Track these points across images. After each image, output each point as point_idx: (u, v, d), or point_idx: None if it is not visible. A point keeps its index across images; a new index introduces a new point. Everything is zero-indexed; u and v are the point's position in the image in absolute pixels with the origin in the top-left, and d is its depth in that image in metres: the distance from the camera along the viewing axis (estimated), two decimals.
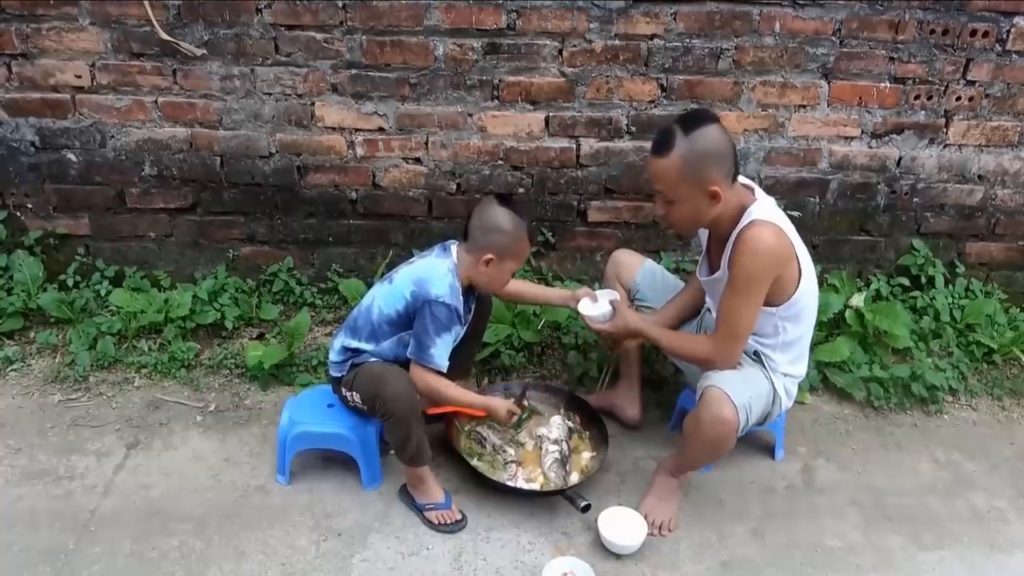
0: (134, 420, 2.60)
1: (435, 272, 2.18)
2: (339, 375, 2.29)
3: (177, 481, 2.36)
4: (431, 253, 2.26)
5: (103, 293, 3.02)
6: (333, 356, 2.30)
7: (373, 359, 2.24)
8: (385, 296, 2.22)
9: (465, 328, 2.32)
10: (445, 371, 2.19)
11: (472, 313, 2.35)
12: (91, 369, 2.78)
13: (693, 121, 2.01)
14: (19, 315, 2.93)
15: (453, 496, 2.32)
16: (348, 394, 2.27)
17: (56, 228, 3.06)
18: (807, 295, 2.15)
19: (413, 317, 2.18)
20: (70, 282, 3.04)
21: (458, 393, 2.28)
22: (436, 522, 2.24)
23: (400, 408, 2.14)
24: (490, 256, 2.16)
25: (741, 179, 2.14)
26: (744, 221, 2.07)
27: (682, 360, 2.40)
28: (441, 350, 2.16)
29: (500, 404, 2.32)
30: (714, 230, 2.19)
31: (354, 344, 2.24)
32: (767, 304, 2.11)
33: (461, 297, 2.19)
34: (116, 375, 2.79)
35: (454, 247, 2.24)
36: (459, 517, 2.26)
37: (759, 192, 2.16)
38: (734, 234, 2.09)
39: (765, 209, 2.09)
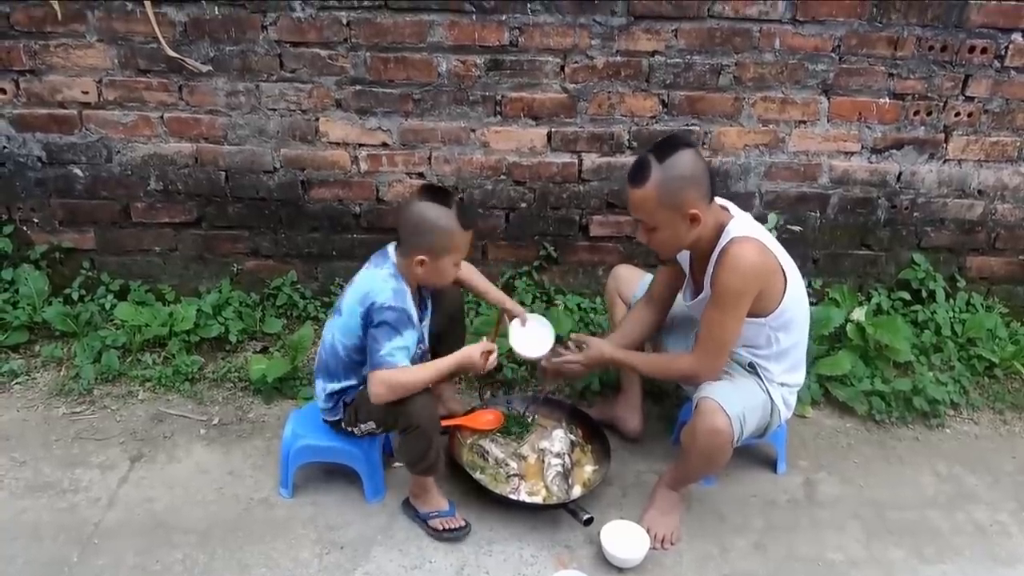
0: (138, 433, 2.61)
1: (375, 281, 2.12)
2: (336, 418, 2.27)
3: (181, 494, 2.37)
4: (369, 264, 2.20)
5: (108, 307, 3.04)
6: (322, 404, 2.27)
7: (363, 387, 2.17)
8: (342, 328, 2.17)
9: (428, 325, 2.29)
10: (404, 364, 2.08)
11: (430, 309, 2.31)
12: (95, 382, 2.79)
13: (666, 148, 2.03)
14: (24, 328, 2.94)
15: (456, 509, 2.31)
16: (355, 428, 2.24)
17: (62, 242, 3.09)
18: (796, 304, 2.17)
19: None
20: (75, 296, 3.06)
21: (427, 371, 2.13)
22: (440, 528, 2.23)
23: (424, 421, 2.10)
24: (421, 257, 2.09)
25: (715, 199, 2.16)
26: (723, 239, 2.09)
27: (666, 380, 2.42)
28: (394, 350, 2.06)
29: (471, 350, 2.19)
30: (695, 251, 2.21)
31: (337, 386, 2.21)
32: (757, 315, 2.12)
33: (411, 297, 2.13)
34: (120, 388, 2.80)
35: (391, 248, 2.19)
36: (463, 523, 2.25)
37: (734, 209, 2.19)
38: (715, 253, 2.11)
39: (743, 225, 2.11)
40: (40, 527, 2.23)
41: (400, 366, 2.06)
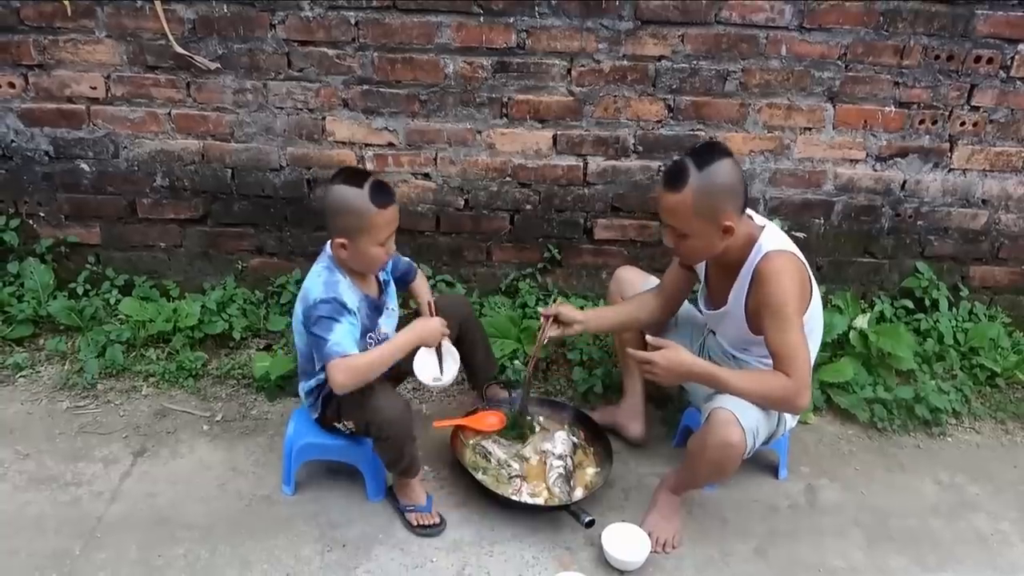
0: (141, 428, 2.61)
1: (310, 279, 2.16)
2: (319, 414, 2.29)
3: (183, 489, 2.37)
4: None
5: (112, 302, 3.04)
6: (305, 403, 2.31)
7: None
8: (296, 331, 2.22)
9: (394, 310, 2.31)
10: (355, 351, 2.06)
11: (393, 296, 2.32)
12: (99, 377, 2.80)
13: (706, 155, 1.99)
14: (29, 322, 2.95)
15: (458, 510, 2.33)
16: (340, 424, 2.27)
17: (67, 236, 3.09)
18: (815, 315, 2.17)
19: None
20: (80, 290, 3.06)
21: (384, 349, 2.11)
22: (414, 524, 2.25)
23: (395, 431, 2.12)
24: (341, 241, 2.09)
25: None
26: (756, 255, 2.07)
27: (760, 401, 2.07)
28: (339, 338, 2.04)
29: (424, 318, 2.24)
30: (718, 261, 2.18)
31: (312, 383, 2.24)
32: None
33: (347, 285, 2.14)
34: (124, 383, 2.80)
35: (328, 243, 2.20)
36: (437, 520, 2.26)
37: (759, 218, 2.16)
38: (746, 268, 2.09)
39: (774, 239, 2.09)
40: (43, 520, 2.24)
41: (351, 353, 2.04)
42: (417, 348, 2.23)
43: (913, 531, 2.40)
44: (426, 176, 3.02)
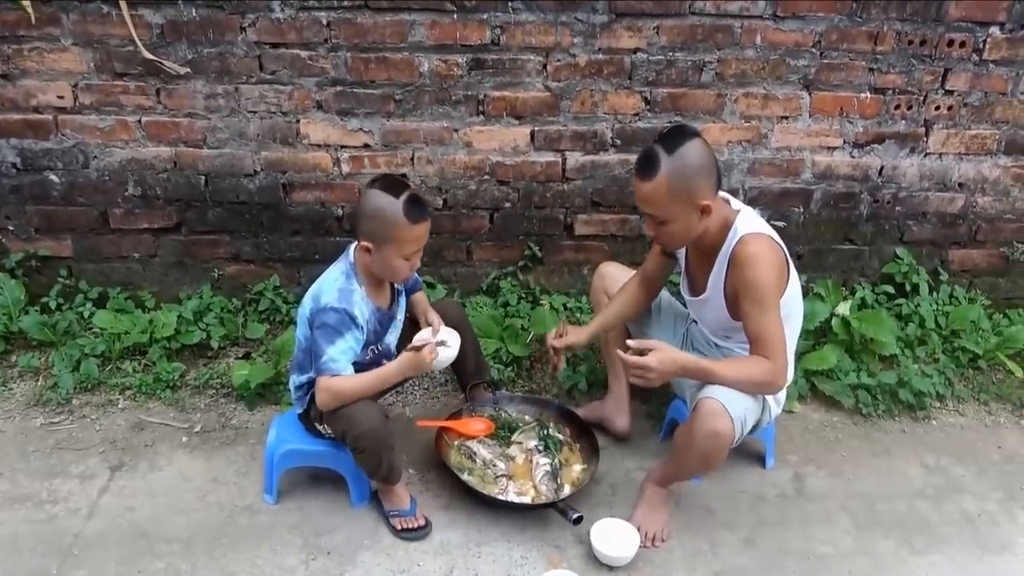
0: (119, 442, 2.56)
1: (326, 280, 2.15)
2: (302, 409, 2.28)
3: (163, 502, 2.33)
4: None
5: (86, 315, 2.98)
6: (293, 396, 2.30)
7: None
8: (300, 323, 2.21)
9: (399, 324, 2.29)
10: (349, 373, 2.10)
11: (402, 314, 2.32)
12: (74, 392, 2.74)
13: (674, 138, 1.99)
14: (0, 339, 2.88)
15: (444, 512, 2.31)
16: (320, 426, 2.25)
17: (38, 250, 3.03)
18: (793, 299, 2.16)
19: None
20: (53, 304, 3.00)
21: (370, 377, 2.11)
22: (399, 527, 2.23)
23: (372, 444, 2.11)
24: (366, 244, 2.09)
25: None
26: (732, 238, 2.07)
27: (744, 389, 2.08)
28: (337, 354, 2.06)
29: (413, 354, 2.12)
30: (696, 246, 2.18)
31: (303, 379, 2.22)
32: None
33: (361, 296, 2.14)
34: (100, 397, 2.75)
35: (352, 246, 2.20)
36: (422, 523, 2.24)
37: (735, 202, 2.16)
38: (723, 253, 2.09)
39: (750, 222, 2.10)
40: (19, 539, 2.19)
41: (343, 373, 2.07)
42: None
43: (900, 515, 2.40)
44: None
